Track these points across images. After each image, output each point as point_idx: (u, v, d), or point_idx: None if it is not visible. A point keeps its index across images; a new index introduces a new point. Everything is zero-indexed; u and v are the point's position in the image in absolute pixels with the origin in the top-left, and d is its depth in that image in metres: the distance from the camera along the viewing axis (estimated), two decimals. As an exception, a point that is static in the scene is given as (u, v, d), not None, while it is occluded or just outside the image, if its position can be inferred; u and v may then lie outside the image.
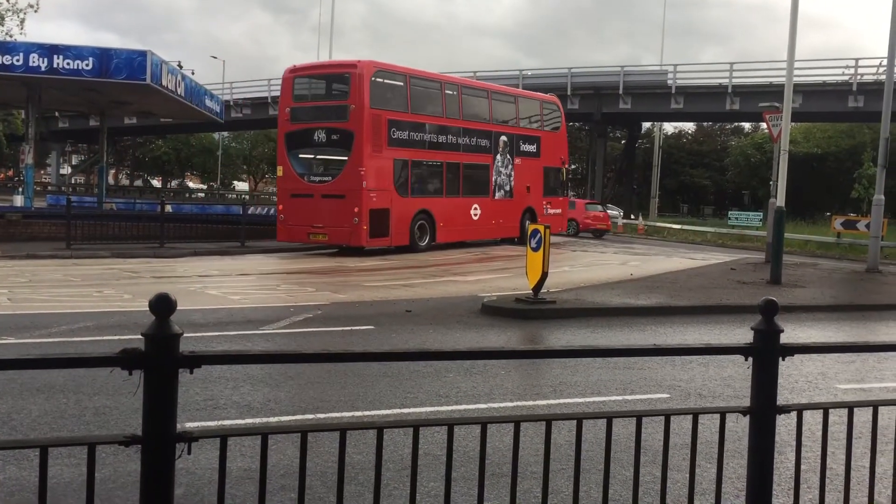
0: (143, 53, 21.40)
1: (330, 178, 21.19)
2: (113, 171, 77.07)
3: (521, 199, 26.49)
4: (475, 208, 24.53)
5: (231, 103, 52.15)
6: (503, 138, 25.55)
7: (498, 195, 25.48)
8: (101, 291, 12.79)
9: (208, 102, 28.43)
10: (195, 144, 76.34)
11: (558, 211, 28.82)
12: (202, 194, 71.19)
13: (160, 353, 2.28)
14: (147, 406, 2.30)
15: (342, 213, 20.55)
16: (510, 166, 25.92)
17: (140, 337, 2.31)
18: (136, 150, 78.89)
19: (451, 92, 23.99)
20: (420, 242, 22.32)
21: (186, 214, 25.94)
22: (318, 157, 22.01)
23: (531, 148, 26.98)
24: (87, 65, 20.86)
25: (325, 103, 21.95)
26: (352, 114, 20.59)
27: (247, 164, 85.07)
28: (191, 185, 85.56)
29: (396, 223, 21.45)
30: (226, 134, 76.71)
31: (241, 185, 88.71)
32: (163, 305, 2.29)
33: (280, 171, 22.33)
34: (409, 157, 22.01)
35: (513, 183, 26.09)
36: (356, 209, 20.39)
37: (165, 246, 20.08)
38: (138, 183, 78.31)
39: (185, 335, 2.35)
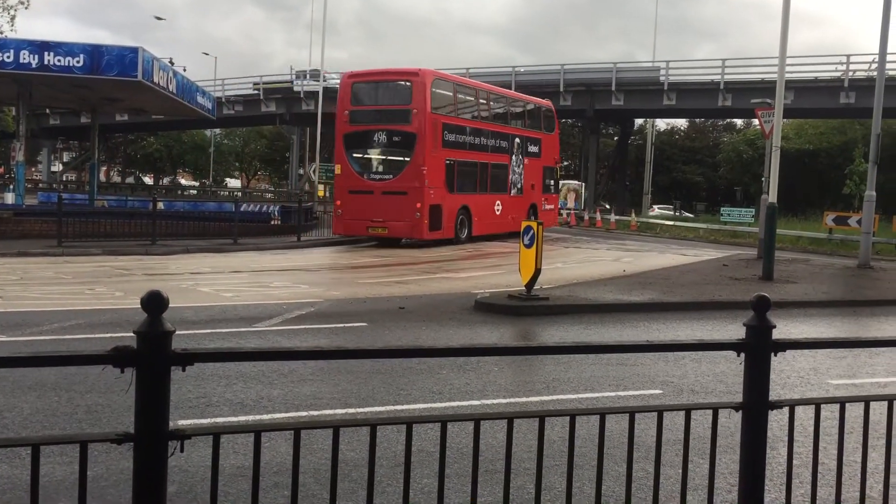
0: (134, 50, 21.27)
1: (391, 176, 22.62)
2: (104, 169, 76.77)
3: (528, 196, 28.36)
4: (498, 204, 26.31)
5: (223, 100, 51.96)
6: (517, 140, 27.39)
7: (513, 192, 27.29)
8: (92, 289, 12.74)
9: (200, 99, 28.31)
10: (187, 141, 76.10)
11: (552, 207, 31.20)
12: (194, 191, 70.94)
13: (152, 351, 2.27)
14: (139, 404, 2.29)
15: (403, 208, 21.95)
16: (521, 166, 27.71)
17: (132, 334, 2.30)
18: (128, 147, 78.58)
19: (483, 99, 26.08)
20: (461, 235, 24.10)
21: (178, 212, 25.87)
22: (378, 156, 23.22)
23: (535, 149, 28.86)
24: (78, 62, 20.72)
25: (386, 107, 23.23)
26: (414, 118, 22.15)
27: (239, 160, 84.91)
28: (183, 182, 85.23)
29: (447, 218, 23.13)
30: (218, 131, 76.56)
31: (234, 182, 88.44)
32: (155, 303, 2.28)
33: (338, 168, 23.68)
34: (455, 157, 23.67)
35: (523, 181, 27.91)
36: (418, 205, 21.91)
37: (157, 243, 20.00)
38: (130, 180, 77.95)
39: (177, 333, 2.33)
